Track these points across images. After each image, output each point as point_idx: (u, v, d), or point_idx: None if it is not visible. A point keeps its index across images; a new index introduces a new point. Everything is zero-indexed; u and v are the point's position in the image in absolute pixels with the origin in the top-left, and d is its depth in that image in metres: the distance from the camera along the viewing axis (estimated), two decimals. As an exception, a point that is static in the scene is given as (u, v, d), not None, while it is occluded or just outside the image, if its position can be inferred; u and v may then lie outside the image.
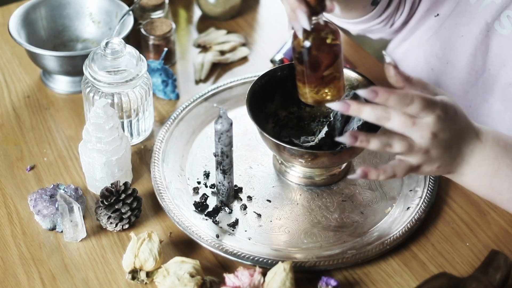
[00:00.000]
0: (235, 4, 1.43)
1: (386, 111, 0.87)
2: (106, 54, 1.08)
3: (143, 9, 1.34)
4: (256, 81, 1.10)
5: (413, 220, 1.05)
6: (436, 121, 0.87)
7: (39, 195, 1.04)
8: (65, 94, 1.27)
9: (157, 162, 1.12)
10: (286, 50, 1.34)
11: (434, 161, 0.90)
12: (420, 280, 0.99)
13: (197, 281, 0.94)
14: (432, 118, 0.87)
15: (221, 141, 1.01)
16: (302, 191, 1.11)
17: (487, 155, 0.92)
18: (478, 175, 0.93)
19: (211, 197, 1.09)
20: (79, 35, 1.33)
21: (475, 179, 0.93)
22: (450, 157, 0.91)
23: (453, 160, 0.91)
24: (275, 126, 1.15)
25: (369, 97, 0.86)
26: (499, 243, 1.04)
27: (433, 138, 0.88)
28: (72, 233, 1.02)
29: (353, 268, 1.01)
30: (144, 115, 1.16)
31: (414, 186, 1.10)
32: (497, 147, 0.92)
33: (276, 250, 1.02)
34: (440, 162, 0.90)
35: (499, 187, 0.93)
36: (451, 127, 0.89)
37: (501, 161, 0.92)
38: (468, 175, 0.93)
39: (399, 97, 0.86)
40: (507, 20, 1.10)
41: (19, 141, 1.18)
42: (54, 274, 0.99)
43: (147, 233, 0.97)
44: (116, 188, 1.03)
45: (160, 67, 1.24)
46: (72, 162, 1.15)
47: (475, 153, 0.92)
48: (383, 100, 0.86)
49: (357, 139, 0.88)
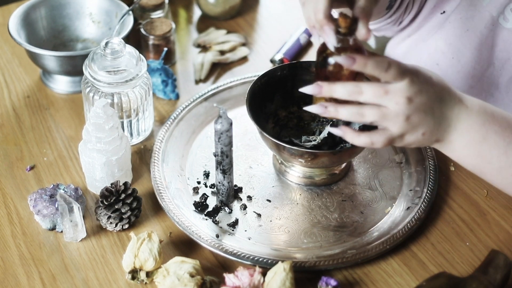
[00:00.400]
0: (235, 4, 1.43)
1: (357, 85, 0.87)
2: (106, 54, 1.08)
3: (143, 9, 1.34)
4: (256, 81, 1.10)
5: (413, 220, 1.05)
6: (409, 85, 0.86)
7: (39, 195, 1.04)
8: (65, 94, 1.27)
9: (157, 162, 1.12)
10: (286, 50, 1.34)
11: (417, 127, 0.88)
12: (420, 280, 0.99)
13: (197, 281, 0.94)
14: (404, 82, 0.86)
15: (221, 141, 1.01)
16: (302, 191, 1.11)
17: (474, 121, 0.90)
18: (466, 143, 0.91)
19: (211, 197, 1.09)
20: (79, 35, 1.33)
21: (464, 147, 0.91)
22: (434, 122, 0.89)
23: (438, 125, 0.90)
24: (275, 126, 1.15)
25: (346, 63, 0.86)
26: (499, 243, 1.04)
27: (409, 103, 0.86)
28: (72, 233, 1.02)
29: (353, 268, 1.01)
30: (144, 115, 1.16)
31: (414, 186, 1.10)
32: (484, 114, 0.91)
33: (276, 250, 1.02)
34: (423, 128, 0.89)
35: (488, 155, 0.91)
36: (427, 89, 0.87)
37: (489, 128, 0.90)
38: (457, 142, 0.91)
39: (376, 62, 0.85)
40: (511, 14, 1.10)
41: (19, 141, 1.18)
42: (54, 274, 0.99)
43: (147, 233, 0.97)
44: (116, 188, 1.03)
45: (160, 67, 1.24)
46: (72, 162, 1.15)
47: (461, 119, 0.90)
48: (361, 65, 0.85)
49: (326, 108, 0.88)
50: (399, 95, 0.86)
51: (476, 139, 0.91)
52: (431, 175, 1.11)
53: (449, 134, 0.91)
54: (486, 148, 0.91)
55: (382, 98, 0.87)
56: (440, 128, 0.90)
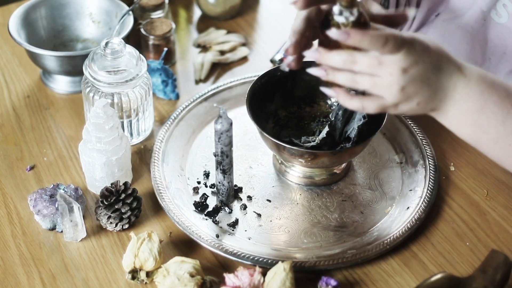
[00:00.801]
0: (235, 4, 1.43)
1: (352, 54, 0.86)
2: (106, 54, 1.08)
3: (143, 9, 1.34)
4: (256, 81, 1.10)
5: (413, 220, 1.05)
6: (405, 56, 0.85)
7: (39, 195, 1.04)
8: (65, 94, 1.27)
9: (157, 162, 1.12)
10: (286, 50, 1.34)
11: (412, 97, 0.88)
12: (420, 280, 0.99)
13: (197, 281, 0.94)
14: (400, 54, 0.85)
15: (221, 141, 1.01)
16: (302, 191, 1.11)
17: (472, 90, 0.89)
18: (463, 111, 0.89)
19: (211, 197, 1.09)
20: (79, 35, 1.33)
21: (460, 116, 0.90)
22: (430, 92, 0.88)
23: (434, 95, 0.89)
24: (275, 126, 1.15)
25: (341, 38, 0.85)
26: (499, 243, 1.04)
27: (404, 73, 0.86)
28: (72, 233, 1.02)
29: (353, 268, 1.01)
30: (144, 115, 1.16)
31: (414, 186, 1.10)
32: (483, 83, 0.89)
33: (276, 250, 1.02)
34: (418, 98, 0.88)
35: (485, 125, 0.90)
36: (424, 60, 0.87)
37: (488, 98, 0.89)
38: (453, 110, 0.90)
39: (373, 38, 0.84)
40: (504, 9, 1.10)
41: (19, 141, 1.18)
42: (54, 274, 0.99)
43: (147, 233, 0.97)
44: (116, 188, 1.03)
45: (160, 67, 1.24)
46: (72, 162, 1.15)
47: (458, 87, 0.89)
48: (356, 41, 0.85)
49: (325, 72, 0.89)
50: (393, 66, 0.86)
51: (473, 108, 0.89)
52: (431, 175, 1.11)
53: (445, 103, 0.89)
54: (483, 118, 0.89)
55: (376, 68, 0.86)
56: (436, 98, 0.89)
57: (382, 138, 1.18)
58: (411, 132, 1.17)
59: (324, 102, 1.16)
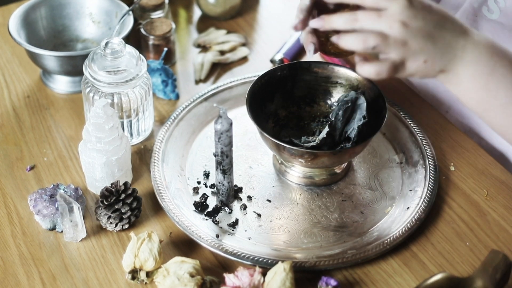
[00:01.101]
0: (235, 4, 1.43)
1: (353, 13, 0.88)
2: (106, 54, 1.08)
3: (143, 9, 1.34)
4: (256, 81, 1.10)
5: (413, 220, 1.05)
6: (402, 9, 0.86)
7: (39, 195, 1.04)
8: (65, 94, 1.27)
9: (157, 162, 1.12)
10: (286, 50, 1.34)
11: (417, 54, 0.88)
12: (420, 280, 0.99)
13: (197, 281, 0.94)
14: (397, 6, 0.86)
15: (221, 141, 1.01)
16: (302, 191, 1.11)
17: (481, 53, 0.88)
18: (473, 73, 0.89)
19: (211, 197, 1.09)
20: (79, 35, 1.33)
21: (471, 79, 0.89)
22: (436, 50, 0.88)
23: (441, 54, 0.88)
24: (275, 126, 1.15)
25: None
26: (499, 243, 1.04)
27: (403, 27, 0.86)
28: (72, 233, 1.02)
29: (353, 268, 1.01)
30: (144, 115, 1.16)
31: (414, 186, 1.10)
32: (493, 47, 0.89)
33: (276, 250, 1.02)
34: (424, 55, 0.88)
35: (495, 90, 0.89)
36: (424, 16, 0.87)
37: (498, 61, 0.89)
38: (464, 73, 0.89)
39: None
40: (495, 5, 1.10)
41: (19, 141, 1.18)
42: (54, 274, 0.99)
43: (147, 233, 0.97)
44: (116, 188, 1.03)
45: (160, 67, 1.24)
46: (72, 162, 1.15)
47: (468, 49, 0.89)
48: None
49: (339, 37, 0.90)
50: (392, 19, 0.86)
51: (484, 71, 0.89)
52: (431, 175, 1.11)
53: (455, 64, 0.89)
54: (493, 82, 0.89)
55: (376, 22, 0.87)
56: (444, 57, 0.89)
57: (382, 138, 1.18)
58: (411, 132, 1.17)
59: (324, 102, 1.16)
